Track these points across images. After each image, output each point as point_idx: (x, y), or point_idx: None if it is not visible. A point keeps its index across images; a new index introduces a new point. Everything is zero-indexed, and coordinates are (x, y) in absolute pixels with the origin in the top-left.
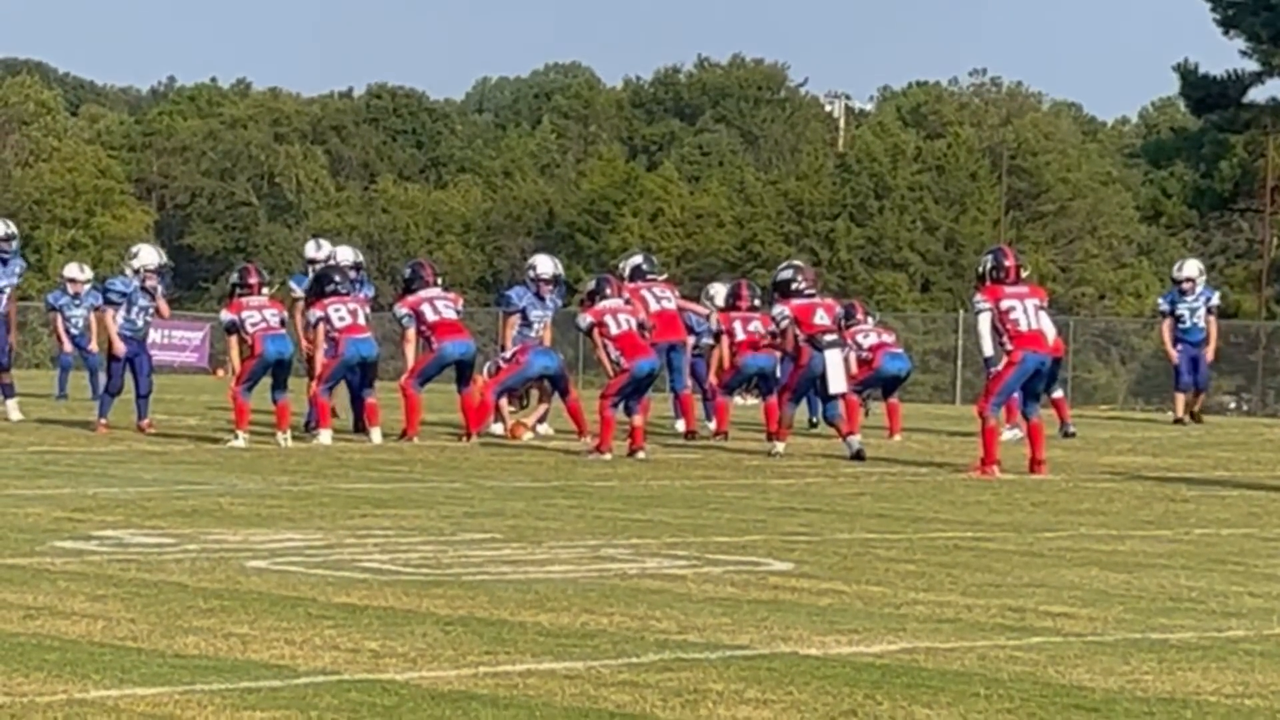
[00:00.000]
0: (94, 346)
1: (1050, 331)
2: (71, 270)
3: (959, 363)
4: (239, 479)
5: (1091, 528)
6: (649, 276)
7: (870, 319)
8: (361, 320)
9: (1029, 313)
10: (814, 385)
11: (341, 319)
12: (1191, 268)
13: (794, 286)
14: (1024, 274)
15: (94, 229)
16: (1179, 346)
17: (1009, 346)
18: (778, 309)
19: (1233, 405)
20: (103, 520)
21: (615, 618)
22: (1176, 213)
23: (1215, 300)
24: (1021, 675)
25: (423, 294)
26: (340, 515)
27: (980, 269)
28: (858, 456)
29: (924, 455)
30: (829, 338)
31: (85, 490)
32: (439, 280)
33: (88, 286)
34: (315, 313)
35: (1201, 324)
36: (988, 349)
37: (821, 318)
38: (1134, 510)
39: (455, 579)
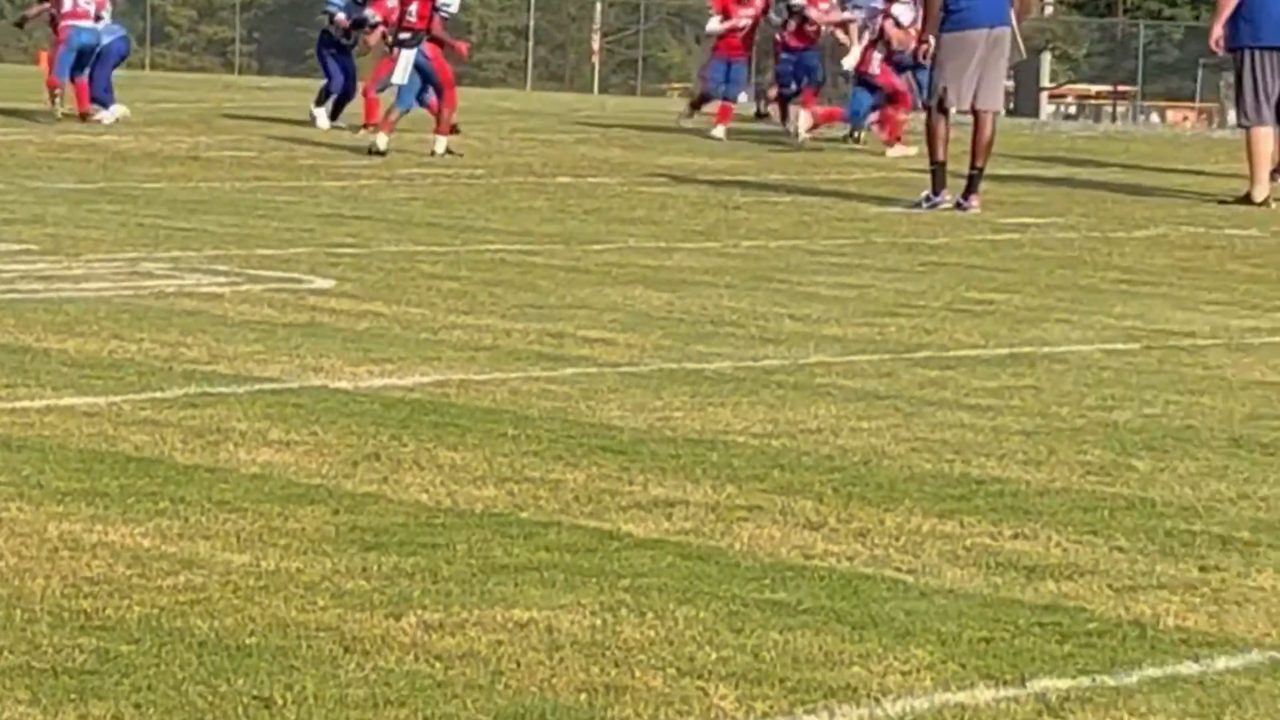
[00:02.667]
0: None
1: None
2: None
3: (530, 41)
4: None
5: (641, 240)
6: None
7: None
8: None
9: None
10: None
11: None
12: None
13: None
14: None
15: None
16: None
17: None
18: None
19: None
20: None
21: (145, 344)
22: None
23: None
24: (552, 412)
25: None
26: None
27: None
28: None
29: (482, 154)
30: (404, 35)
31: None
32: None
33: None
34: None
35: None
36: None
37: (411, 16)
38: (685, 219)
39: None
